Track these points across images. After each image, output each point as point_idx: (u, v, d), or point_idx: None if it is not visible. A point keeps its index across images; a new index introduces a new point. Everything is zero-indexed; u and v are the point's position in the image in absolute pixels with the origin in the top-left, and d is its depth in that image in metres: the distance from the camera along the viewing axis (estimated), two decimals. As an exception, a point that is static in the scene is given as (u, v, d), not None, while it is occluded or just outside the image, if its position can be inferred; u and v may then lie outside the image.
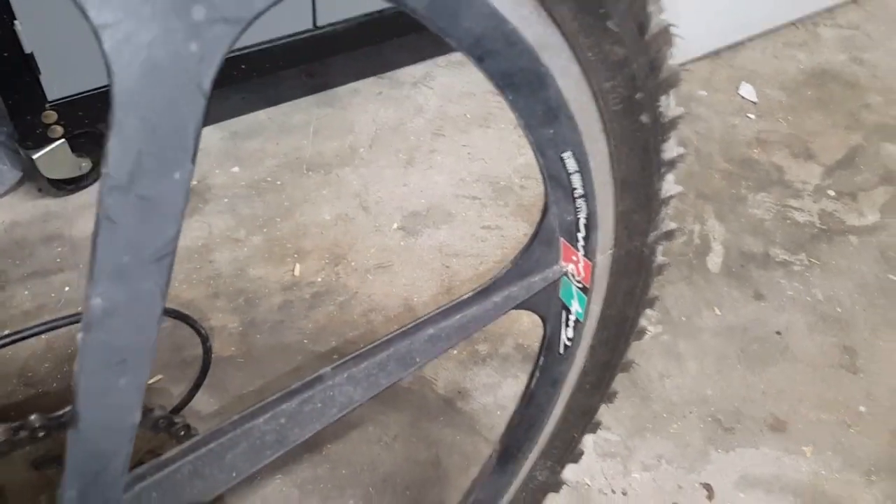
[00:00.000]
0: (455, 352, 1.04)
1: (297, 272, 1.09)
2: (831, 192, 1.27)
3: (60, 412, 0.57)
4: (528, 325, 1.06)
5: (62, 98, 0.97)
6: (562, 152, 0.46)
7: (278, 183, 1.19)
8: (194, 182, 1.18)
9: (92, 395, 0.33)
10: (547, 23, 0.39)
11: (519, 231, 1.17)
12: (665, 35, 0.44)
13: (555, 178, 0.47)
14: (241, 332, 1.00)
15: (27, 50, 0.89)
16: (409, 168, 1.22)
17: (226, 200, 1.15)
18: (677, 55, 1.05)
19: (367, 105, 1.30)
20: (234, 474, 0.43)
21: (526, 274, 0.52)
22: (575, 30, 0.40)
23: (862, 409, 1.02)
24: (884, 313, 1.11)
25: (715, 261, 1.16)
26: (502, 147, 1.26)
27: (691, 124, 1.35)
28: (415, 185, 1.20)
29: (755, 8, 1.45)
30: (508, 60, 0.39)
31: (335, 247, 1.12)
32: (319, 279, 1.08)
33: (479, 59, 0.38)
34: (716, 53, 1.45)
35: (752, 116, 1.37)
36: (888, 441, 0.99)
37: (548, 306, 0.56)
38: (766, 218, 1.22)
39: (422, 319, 0.48)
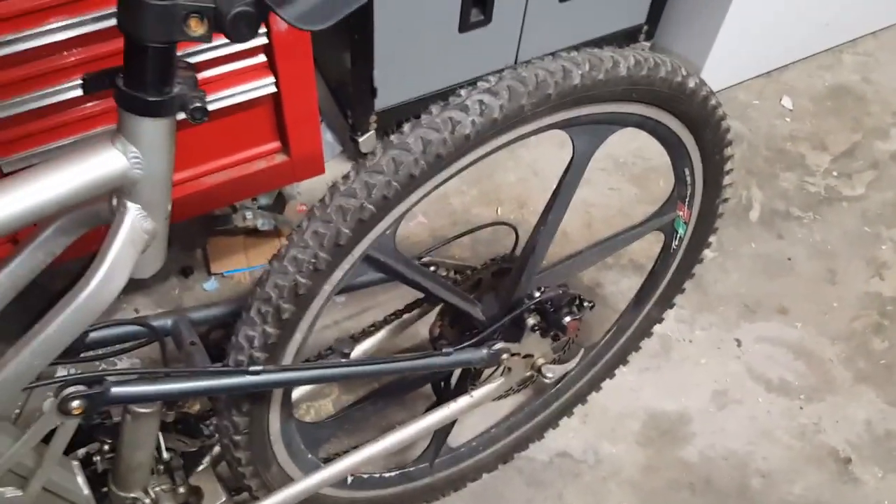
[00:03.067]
0: (593, 261, 1.77)
1: (499, 211, 1.83)
2: (835, 173, 1.95)
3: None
4: (637, 248, 1.78)
5: (383, 108, 1.72)
6: (684, 168, 1.17)
7: (483, 156, 1.92)
8: (433, 154, 1.92)
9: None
10: (686, 129, 1.10)
11: (631, 192, 1.89)
12: (723, 120, 1.13)
13: (679, 177, 1.19)
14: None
15: (376, 84, 1.64)
16: (562, 149, 1.94)
17: (454, 166, 1.90)
18: (741, 75, 1.98)
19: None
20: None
21: (662, 214, 1.24)
22: (697, 130, 1.11)
23: (834, 304, 1.73)
24: (857, 250, 1.81)
25: (754, 214, 1.87)
26: (621, 136, 1.97)
27: (746, 124, 2.04)
28: (564, 160, 1.92)
29: (798, 38, 2.10)
30: (671, 137, 1.10)
31: (519, 197, 1.85)
32: (512, 216, 1.81)
33: (653, 134, 1.10)
34: (768, 74, 2.12)
35: (788, 120, 2.05)
36: (846, 324, 1.70)
37: (668, 228, 1.27)
38: (789, 188, 1.92)
39: (603, 237, 1.22)
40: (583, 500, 1.44)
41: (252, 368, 0.85)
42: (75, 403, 0.74)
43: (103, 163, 0.66)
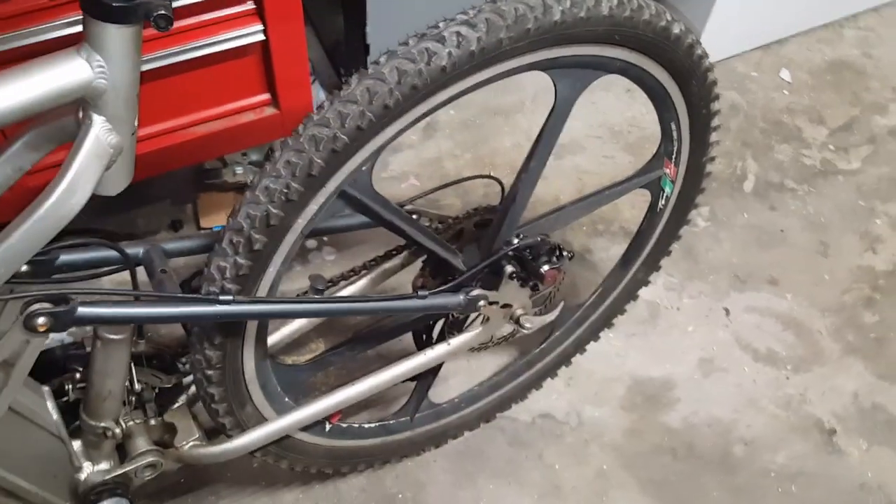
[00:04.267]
0: (584, 228, 1.76)
1: (492, 174, 1.82)
2: (831, 147, 1.94)
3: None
4: (627, 216, 1.78)
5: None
6: (670, 121, 1.16)
7: (478, 122, 1.91)
8: (428, 119, 1.91)
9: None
10: (671, 79, 1.09)
11: (625, 160, 1.88)
12: (709, 72, 1.12)
13: (665, 132, 1.18)
14: (464, 207, 1.74)
15: (368, 41, 1.64)
16: (558, 116, 1.93)
17: (447, 131, 1.89)
18: (740, 46, 1.96)
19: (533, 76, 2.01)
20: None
21: (649, 171, 1.23)
22: (683, 80, 1.10)
23: (826, 276, 1.72)
24: (851, 223, 1.80)
25: (748, 185, 1.86)
26: (617, 104, 1.96)
27: (743, 95, 2.02)
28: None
29: (797, 12, 2.08)
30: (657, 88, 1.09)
31: (513, 163, 1.84)
32: (505, 180, 1.80)
33: (638, 83, 1.09)
34: (767, 46, 2.11)
35: (786, 92, 2.04)
36: (836, 296, 1.69)
37: (655, 186, 1.26)
38: (784, 160, 1.90)
39: (587, 193, 1.21)
40: (563, 460, 1.44)
41: (222, 298, 0.84)
42: (41, 321, 0.74)
43: (68, 71, 0.65)
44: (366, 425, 1.27)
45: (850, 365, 1.60)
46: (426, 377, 1.26)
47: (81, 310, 0.76)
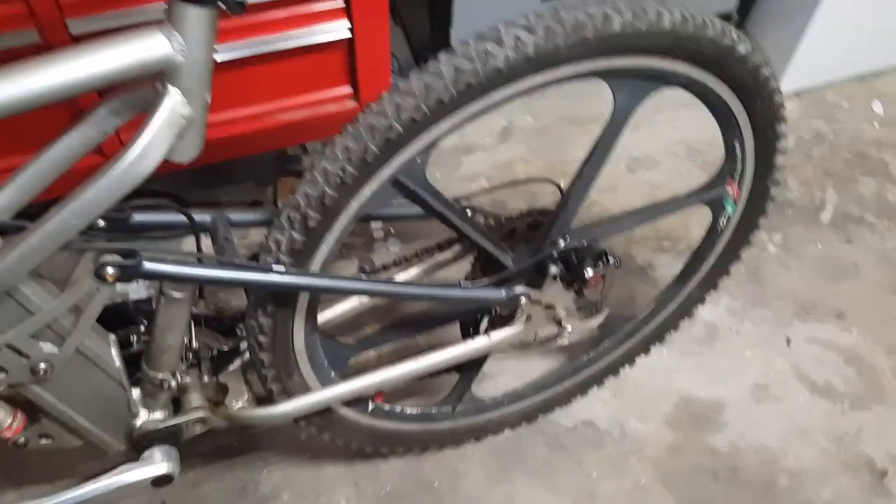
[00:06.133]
0: (649, 243, 1.76)
1: (561, 184, 1.84)
2: (919, 185, 1.88)
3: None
4: (696, 234, 1.76)
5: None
6: (734, 140, 1.16)
7: (553, 129, 1.94)
8: (504, 123, 1.95)
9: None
10: (735, 98, 1.09)
11: (699, 179, 1.85)
12: (776, 93, 1.11)
13: (729, 150, 1.18)
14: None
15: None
16: (635, 130, 1.92)
17: (523, 136, 1.92)
18: (832, 75, 1.93)
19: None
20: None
21: (710, 188, 1.23)
22: (748, 99, 1.10)
23: (897, 315, 1.67)
24: (931, 264, 1.74)
25: (825, 216, 1.82)
26: (699, 122, 1.94)
27: (830, 124, 1.97)
28: (638, 140, 1.91)
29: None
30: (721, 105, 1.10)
31: (584, 172, 1.86)
32: (574, 190, 1.82)
33: (701, 98, 1.09)
34: (861, 77, 2.05)
35: (877, 125, 1.98)
36: (909, 335, 1.64)
37: (716, 205, 1.26)
38: (867, 194, 1.85)
39: (651, 203, 1.22)
40: (601, 469, 1.45)
41: (275, 268, 0.91)
42: (110, 270, 0.82)
43: (150, 46, 0.73)
44: (408, 410, 1.31)
45: (912, 408, 1.55)
46: (469, 370, 1.29)
47: (147, 265, 0.83)
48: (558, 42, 0.88)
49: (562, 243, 1.10)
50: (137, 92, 0.80)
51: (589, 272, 1.09)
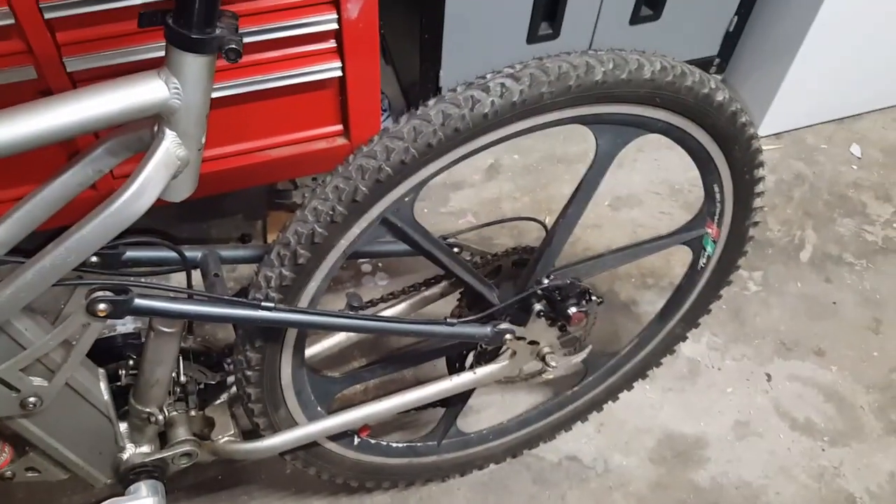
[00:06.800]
0: (633, 280, 1.79)
1: (546, 220, 1.87)
2: (895, 225, 1.92)
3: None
4: (678, 272, 1.79)
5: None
6: (713, 183, 1.19)
7: (540, 168, 1.98)
8: (491, 160, 1.99)
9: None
10: (714, 143, 1.13)
11: (682, 218, 1.90)
12: (754, 139, 1.15)
13: (708, 193, 1.21)
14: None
15: (441, 84, 1.73)
16: (619, 169, 1.97)
17: (510, 174, 1.96)
18: (811, 118, 1.99)
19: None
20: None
21: (691, 229, 1.26)
22: (726, 145, 1.14)
23: (875, 353, 1.70)
24: (908, 304, 1.78)
25: (805, 255, 1.86)
26: (680, 164, 1.99)
27: (810, 166, 2.02)
28: (621, 179, 1.95)
29: (876, 89, 2.08)
30: (700, 150, 1.14)
31: (570, 210, 1.89)
32: (560, 227, 1.86)
33: (681, 144, 1.13)
34: (840, 120, 2.11)
35: (855, 167, 2.03)
36: (884, 374, 1.66)
37: (696, 245, 1.30)
38: (845, 234, 1.89)
39: (633, 242, 1.25)
40: (585, 504, 1.46)
41: (264, 304, 0.93)
42: (101, 306, 0.83)
43: (148, 90, 0.75)
44: (393, 444, 1.32)
45: (890, 444, 1.57)
46: (455, 404, 1.31)
47: (138, 301, 0.85)
48: (543, 90, 0.92)
49: (546, 281, 1.12)
50: (135, 133, 0.82)
51: (572, 310, 1.11)
